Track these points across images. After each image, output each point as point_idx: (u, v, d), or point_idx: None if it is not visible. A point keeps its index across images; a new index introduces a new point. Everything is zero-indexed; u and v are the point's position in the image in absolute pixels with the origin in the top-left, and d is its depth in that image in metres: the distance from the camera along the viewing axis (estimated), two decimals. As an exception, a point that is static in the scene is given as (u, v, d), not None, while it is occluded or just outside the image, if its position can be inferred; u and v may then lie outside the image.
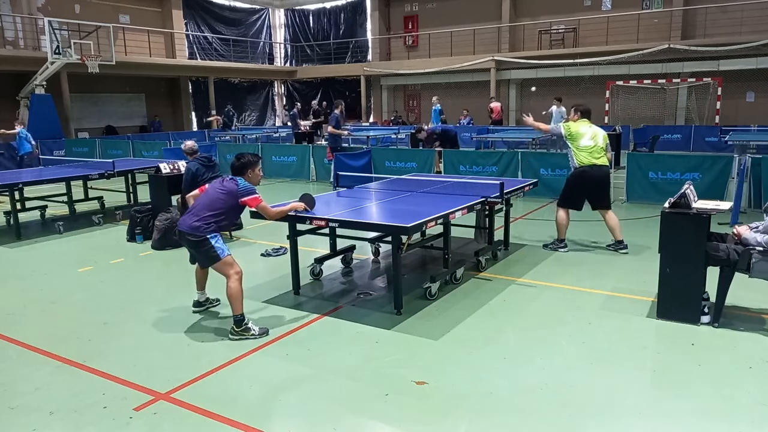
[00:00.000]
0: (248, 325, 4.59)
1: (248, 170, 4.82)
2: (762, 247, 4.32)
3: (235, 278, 4.58)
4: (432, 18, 26.20)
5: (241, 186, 4.72)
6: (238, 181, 4.75)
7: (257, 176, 4.90)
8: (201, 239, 4.58)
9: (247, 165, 4.82)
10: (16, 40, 20.13)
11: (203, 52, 26.73)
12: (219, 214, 4.67)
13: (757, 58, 18.63)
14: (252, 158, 4.88)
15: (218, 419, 3.42)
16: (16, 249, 7.73)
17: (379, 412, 3.51)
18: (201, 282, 5.13)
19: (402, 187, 6.93)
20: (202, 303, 5.21)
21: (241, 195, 4.70)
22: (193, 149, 7.90)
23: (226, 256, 4.62)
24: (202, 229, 4.57)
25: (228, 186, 4.74)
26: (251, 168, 4.84)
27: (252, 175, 4.85)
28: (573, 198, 6.95)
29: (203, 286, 5.16)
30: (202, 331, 4.75)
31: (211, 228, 4.61)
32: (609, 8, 22.14)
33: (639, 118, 20.22)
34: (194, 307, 5.19)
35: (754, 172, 8.88)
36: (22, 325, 5.01)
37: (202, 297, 5.20)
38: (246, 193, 4.71)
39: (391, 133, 19.55)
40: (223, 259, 4.60)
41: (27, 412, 3.57)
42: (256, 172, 4.88)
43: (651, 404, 3.51)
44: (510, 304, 5.24)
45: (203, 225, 4.58)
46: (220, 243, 4.65)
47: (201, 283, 5.14)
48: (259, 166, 4.91)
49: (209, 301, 5.25)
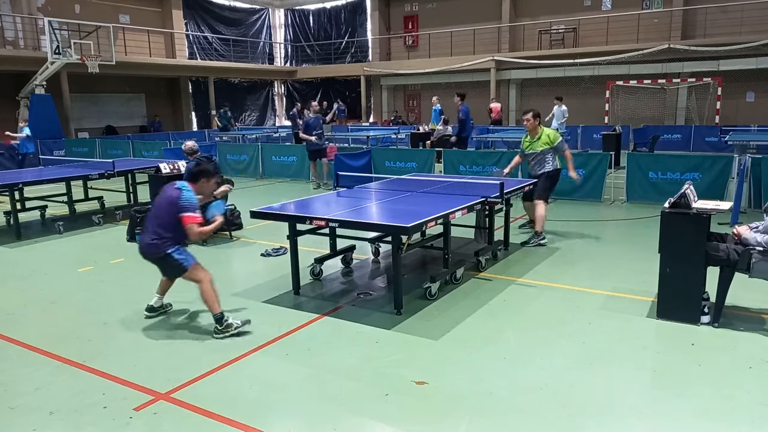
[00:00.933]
0: (228, 321, 4.55)
1: (203, 178, 4.67)
2: (762, 247, 4.32)
3: (205, 281, 4.53)
4: (432, 18, 26.20)
5: (183, 199, 4.48)
6: (183, 191, 4.52)
7: (210, 187, 4.75)
8: (162, 256, 4.50)
9: (203, 173, 4.65)
10: (16, 40, 20.14)
11: (203, 52, 26.74)
12: (169, 228, 4.51)
13: (757, 58, 18.64)
14: (212, 168, 4.73)
15: (218, 419, 3.42)
16: (16, 249, 7.73)
17: (379, 412, 3.51)
18: (164, 287, 4.99)
19: (402, 187, 6.93)
20: (156, 308, 5.04)
21: (181, 209, 4.46)
22: (192, 149, 7.91)
23: (192, 264, 4.55)
24: (159, 247, 4.48)
25: (171, 195, 4.53)
26: (206, 177, 4.68)
27: (206, 185, 4.69)
28: (551, 193, 7.54)
29: (164, 291, 5.01)
30: (202, 331, 4.74)
31: (168, 243, 4.49)
32: (609, 8, 22.15)
33: (639, 118, 20.22)
34: (147, 312, 5.01)
35: (754, 172, 8.88)
36: (22, 325, 5.01)
37: (158, 303, 5.03)
38: (185, 208, 4.46)
39: (391, 133, 19.56)
40: (189, 269, 4.53)
41: (27, 412, 3.57)
42: (210, 183, 4.73)
43: (651, 404, 3.51)
44: (510, 304, 5.24)
45: (158, 242, 4.48)
46: (183, 254, 4.56)
47: (163, 288, 4.99)
48: (215, 179, 4.78)
49: (164, 307, 5.09)
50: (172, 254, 4.50)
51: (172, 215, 4.49)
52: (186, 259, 4.55)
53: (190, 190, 4.57)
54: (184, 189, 4.54)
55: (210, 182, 4.73)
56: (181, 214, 4.45)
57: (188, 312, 5.16)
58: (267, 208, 5.67)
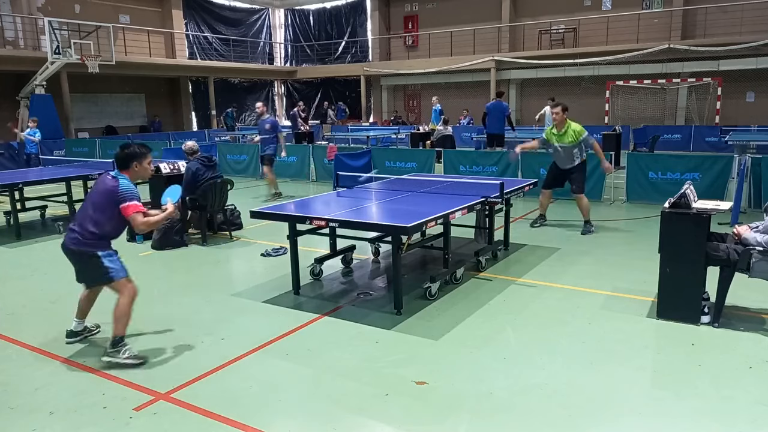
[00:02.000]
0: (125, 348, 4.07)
1: (134, 163, 4.17)
2: (762, 247, 4.32)
3: (127, 297, 4.08)
4: (432, 18, 26.21)
5: (121, 187, 4.02)
6: (120, 180, 4.06)
7: (146, 170, 4.26)
8: (88, 255, 4.02)
9: (132, 156, 4.16)
10: (16, 40, 20.15)
11: (203, 52, 26.75)
12: (101, 222, 4.03)
13: (757, 58, 18.65)
14: (139, 149, 4.22)
15: (218, 419, 3.42)
16: (16, 249, 7.73)
17: (379, 412, 3.51)
18: (84, 308, 4.45)
19: (402, 187, 6.93)
20: (78, 333, 4.52)
21: (120, 199, 3.99)
22: (192, 149, 7.90)
23: (121, 278, 4.09)
24: (85, 244, 4.00)
25: (107, 185, 4.06)
26: (138, 160, 4.18)
27: (139, 168, 4.20)
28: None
29: (85, 314, 4.49)
30: (202, 331, 4.74)
31: (101, 243, 4.04)
32: (609, 8, 22.15)
33: (639, 118, 20.23)
34: (68, 338, 4.48)
35: (754, 172, 8.88)
36: (22, 325, 5.01)
37: (79, 326, 4.51)
38: (124, 198, 4.00)
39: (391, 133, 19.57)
40: (114, 281, 4.07)
41: (27, 412, 3.57)
42: (144, 166, 4.22)
43: (651, 404, 3.51)
44: (510, 304, 5.24)
45: (86, 238, 4.01)
46: (116, 263, 4.09)
47: (84, 309, 4.45)
48: (148, 159, 4.25)
49: (87, 330, 4.58)
50: (101, 258, 4.02)
51: (108, 208, 4.03)
52: (115, 271, 4.06)
53: (126, 178, 4.11)
54: (119, 177, 4.07)
55: (144, 164, 4.22)
56: (120, 205, 3.99)
57: (188, 312, 5.16)
58: (267, 208, 5.67)
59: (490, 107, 13.83)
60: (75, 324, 4.53)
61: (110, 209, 4.04)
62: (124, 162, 4.17)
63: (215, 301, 5.49)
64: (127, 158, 4.17)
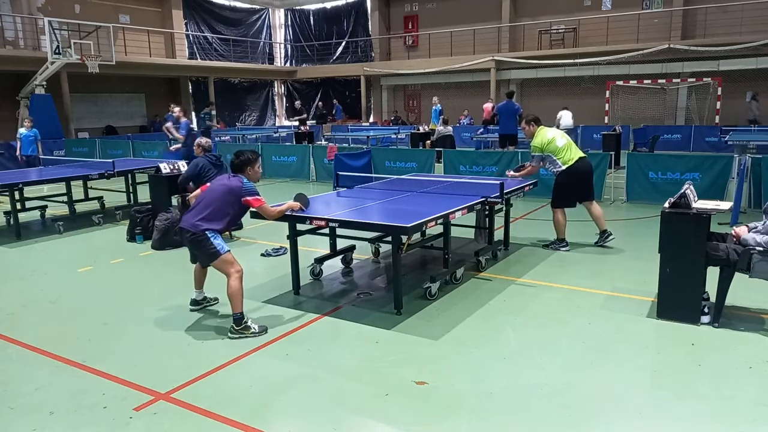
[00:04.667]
0: (248, 323, 4.60)
1: (248, 168, 4.84)
2: (762, 248, 4.32)
3: (235, 276, 4.57)
4: (432, 18, 26.21)
5: (245, 186, 4.73)
6: (243, 180, 4.76)
7: (257, 173, 4.93)
8: (201, 237, 4.60)
9: (246, 162, 4.84)
10: (16, 40, 20.14)
11: (203, 52, 26.74)
12: (222, 213, 4.68)
13: (757, 58, 18.64)
14: (251, 155, 4.90)
15: (218, 419, 3.42)
16: (16, 249, 7.73)
17: (379, 412, 3.51)
18: (199, 281, 5.14)
19: (402, 187, 6.93)
20: (200, 302, 5.21)
21: (245, 194, 4.71)
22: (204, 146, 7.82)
23: (226, 253, 4.62)
24: (202, 227, 4.59)
25: (232, 184, 4.74)
26: (251, 165, 4.86)
27: (252, 172, 4.87)
28: (568, 196, 6.99)
29: (201, 285, 5.16)
30: (202, 331, 4.75)
31: (213, 225, 4.62)
32: (609, 8, 22.15)
33: (639, 118, 20.22)
34: (191, 306, 5.19)
35: (754, 172, 8.88)
36: (22, 325, 5.01)
37: (199, 296, 5.21)
38: (249, 193, 4.72)
39: (391, 133, 19.56)
40: (222, 256, 4.60)
41: (27, 412, 3.57)
42: (255, 170, 4.90)
43: (651, 404, 3.51)
44: (510, 304, 5.24)
45: (204, 223, 4.60)
46: (219, 240, 4.65)
47: (199, 281, 5.14)
48: (258, 163, 4.94)
49: (207, 299, 5.25)
50: (210, 237, 4.59)
51: (230, 202, 4.69)
52: (221, 246, 4.62)
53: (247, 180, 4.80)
54: (243, 178, 4.77)
55: (255, 168, 4.90)
56: (246, 198, 4.69)
57: (188, 312, 5.16)
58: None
59: (501, 108, 13.98)
60: (196, 294, 5.18)
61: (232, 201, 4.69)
62: (240, 168, 4.82)
63: (215, 301, 5.49)
64: (243, 164, 4.82)
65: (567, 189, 6.94)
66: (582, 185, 6.98)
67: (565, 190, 6.95)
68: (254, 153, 4.96)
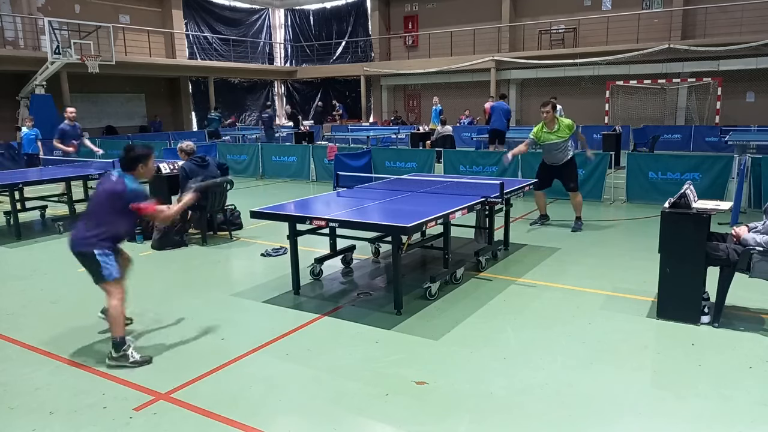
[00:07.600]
0: (127, 352, 4.10)
1: (139, 165, 4.29)
2: (762, 248, 4.32)
3: (117, 297, 4.12)
4: (432, 18, 26.21)
5: (129, 188, 4.14)
6: (126, 181, 4.16)
7: (150, 171, 4.44)
8: (88, 254, 4.08)
9: (138, 159, 4.28)
10: (16, 40, 20.14)
11: (203, 52, 26.74)
12: (106, 222, 4.12)
13: (757, 58, 18.65)
14: (143, 151, 4.33)
15: (218, 419, 3.42)
16: (16, 249, 7.73)
17: (379, 412, 3.51)
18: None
19: (402, 187, 6.93)
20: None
21: (131, 199, 4.13)
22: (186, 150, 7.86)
23: (113, 280, 4.13)
24: (88, 243, 4.07)
25: (115, 188, 4.14)
26: (143, 162, 4.30)
27: (145, 170, 4.34)
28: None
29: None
30: (202, 331, 4.74)
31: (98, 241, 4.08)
32: (609, 8, 22.15)
33: (639, 118, 20.23)
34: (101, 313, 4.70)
35: (754, 172, 8.88)
36: (22, 325, 5.01)
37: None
38: (136, 198, 4.16)
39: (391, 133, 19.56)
40: (109, 282, 4.12)
41: (27, 412, 3.57)
42: (149, 167, 4.38)
43: (651, 404, 3.51)
44: (510, 304, 5.24)
45: (90, 237, 4.08)
46: (111, 262, 4.12)
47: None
48: (151, 160, 4.39)
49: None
50: (96, 256, 4.07)
51: (113, 208, 4.13)
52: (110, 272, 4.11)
53: (132, 179, 4.23)
54: (126, 178, 4.20)
55: (148, 165, 4.37)
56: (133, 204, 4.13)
57: (188, 312, 5.16)
58: (267, 208, 5.67)
59: (493, 107, 15.07)
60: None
61: (116, 207, 4.13)
62: (130, 165, 4.28)
63: (215, 301, 5.49)
64: (133, 161, 4.28)
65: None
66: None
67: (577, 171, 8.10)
68: (147, 148, 4.40)
